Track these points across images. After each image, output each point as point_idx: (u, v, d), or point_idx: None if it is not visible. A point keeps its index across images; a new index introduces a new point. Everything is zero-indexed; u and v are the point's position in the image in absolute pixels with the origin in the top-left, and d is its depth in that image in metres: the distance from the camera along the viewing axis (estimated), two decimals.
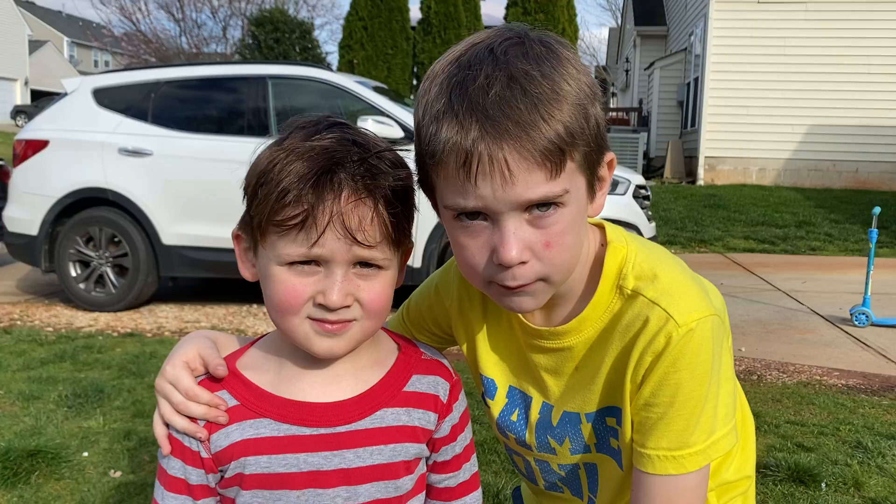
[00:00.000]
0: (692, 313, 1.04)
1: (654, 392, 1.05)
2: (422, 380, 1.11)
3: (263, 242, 1.00)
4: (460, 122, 0.93)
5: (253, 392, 1.04)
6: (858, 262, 8.35)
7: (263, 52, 21.02)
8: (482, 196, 0.94)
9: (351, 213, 0.95)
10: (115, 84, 6.58)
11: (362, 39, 19.39)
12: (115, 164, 6.27)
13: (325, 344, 1.00)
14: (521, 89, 0.92)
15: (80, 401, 3.95)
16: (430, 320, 1.35)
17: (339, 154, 0.97)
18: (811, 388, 4.43)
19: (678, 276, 1.10)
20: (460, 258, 1.04)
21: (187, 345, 1.10)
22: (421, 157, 1.01)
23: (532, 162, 0.93)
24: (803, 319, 6.18)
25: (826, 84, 14.29)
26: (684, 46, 18.37)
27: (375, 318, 1.03)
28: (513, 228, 0.96)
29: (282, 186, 0.95)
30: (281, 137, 1.02)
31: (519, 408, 1.24)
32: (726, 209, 12.14)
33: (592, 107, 0.97)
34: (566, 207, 0.98)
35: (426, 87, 1.00)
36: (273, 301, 1.00)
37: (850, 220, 11.28)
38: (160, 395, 1.06)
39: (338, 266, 0.97)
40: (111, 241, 6.35)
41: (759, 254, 9.62)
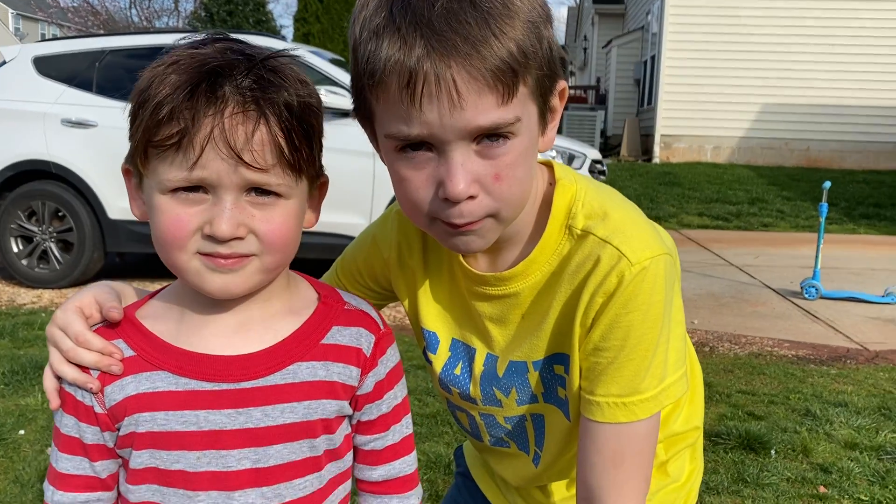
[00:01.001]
0: (645, 251, 0.98)
1: (604, 335, 0.99)
2: (343, 331, 1.00)
3: (145, 170, 0.89)
4: (403, 38, 0.84)
5: (151, 342, 0.94)
6: (809, 238, 8.49)
7: (216, 24, 20.55)
8: (428, 122, 0.86)
9: (235, 128, 0.84)
10: (57, 52, 6.34)
11: (318, 12, 19.06)
12: (57, 135, 6.05)
13: (219, 280, 0.90)
14: (470, 2, 0.84)
15: (17, 378, 3.81)
16: (367, 274, 1.26)
17: (223, 63, 0.86)
18: (762, 359, 4.48)
19: (629, 214, 1.04)
20: (402, 194, 0.96)
21: (83, 291, 1.00)
22: (358, 79, 0.91)
23: (483, 83, 0.85)
24: (755, 293, 6.26)
25: (779, 63, 14.47)
26: (641, 25, 18.44)
27: (278, 253, 0.92)
28: (461, 160, 0.89)
29: (156, 101, 0.84)
30: (161, 56, 0.91)
31: (462, 360, 1.17)
32: (681, 187, 12.26)
33: (545, 27, 0.90)
34: (517, 138, 0.91)
35: (363, 1, 0.91)
36: (157, 234, 0.90)
37: (801, 197, 11.48)
38: (50, 343, 0.96)
39: (226, 192, 0.86)
40: (55, 216, 6.14)
41: (712, 230, 9.73)
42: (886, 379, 4.10)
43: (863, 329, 5.19)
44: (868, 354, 4.62)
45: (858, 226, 9.97)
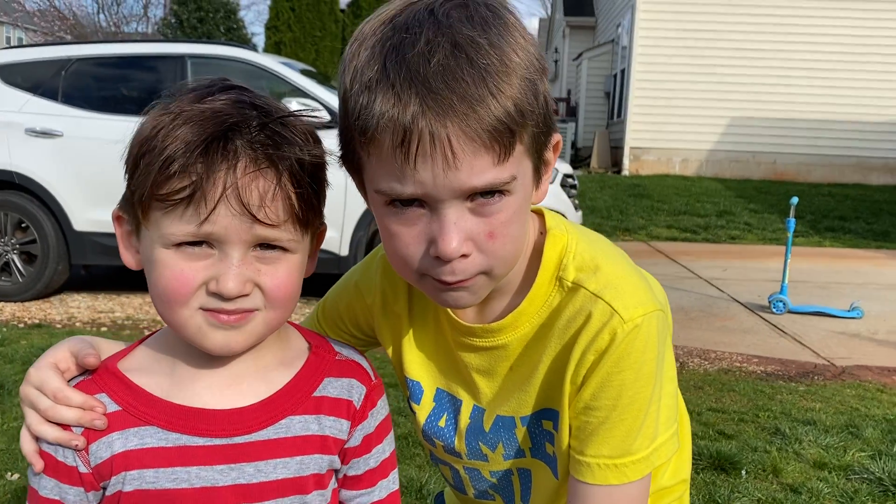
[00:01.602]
0: (637, 308, 0.96)
1: (595, 394, 0.97)
2: (334, 383, 0.98)
3: (146, 221, 0.86)
4: (397, 94, 0.81)
5: (137, 396, 0.90)
6: (776, 251, 8.61)
7: (186, 31, 20.35)
8: (421, 181, 0.83)
9: (249, 185, 0.82)
10: (21, 60, 6.21)
11: (290, 21, 18.96)
12: (21, 145, 5.92)
13: (221, 338, 0.87)
14: (467, 59, 0.81)
15: None
16: (350, 321, 1.22)
17: (236, 117, 0.83)
18: (732, 375, 4.52)
19: (621, 267, 1.02)
20: (391, 249, 0.93)
21: (56, 347, 0.95)
22: (348, 131, 0.88)
23: (479, 143, 0.82)
24: (724, 307, 6.32)
25: (746, 78, 14.70)
26: (612, 38, 18.62)
27: (281, 309, 0.89)
28: (454, 218, 0.86)
29: (166, 154, 0.81)
30: (167, 102, 0.87)
31: (447, 412, 1.14)
32: (650, 199, 12.37)
33: (541, 82, 0.87)
34: (512, 195, 0.88)
35: (354, 50, 0.87)
36: (158, 290, 0.86)
37: (768, 209, 11.64)
38: (25, 404, 0.91)
39: (234, 247, 0.84)
40: (18, 227, 6.01)
41: (681, 242, 9.82)
42: (853, 396, 4.15)
43: (829, 344, 5.26)
44: (835, 370, 4.68)
45: (824, 238, 10.13)
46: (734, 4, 14.70)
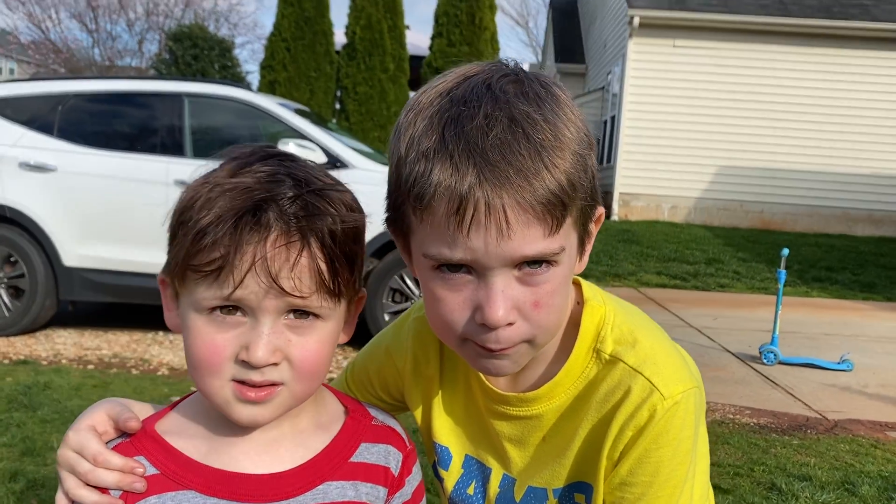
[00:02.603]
0: (678, 384, 0.96)
1: (632, 470, 0.96)
2: (371, 449, 0.97)
3: (182, 289, 0.87)
4: (455, 165, 0.83)
5: (175, 459, 0.89)
6: (765, 300, 8.64)
7: (181, 68, 20.48)
8: (473, 248, 0.85)
9: (277, 258, 0.82)
10: (18, 94, 6.21)
11: (285, 60, 19.13)
12: (14, 178, 5.89)
13: (248, 413, 0.87)
14: (524, 133, 0.83)
15: None
16: (379, 384, 1.22)
17: (268, 191, 0.84)
18: (725, 427, 4.49)
19: (659, 342, 1.02)
20: (435, 312, 0.93)
21: (93, 409, 0.95)
22: (400, 196, 0.90)
23: (532, 215, 0.83)
24: (715, 356, 6.32)
25: (734, 127, 14.93)
26: (602, 85, 18.89)
27: (308, 382, 0.89)
28: (501, 286, 0.87)
29: (198, 227, 0.82)
30: (209, 171, 0.89)
31: (476, 480, 1.12)
32: (640, 244, 12.43)
33: (590, 157, 0.89)
34: (559, 266, 0.89)
35: (410, 118, 0.89)
36: (192, 357, 0.87)
37: (756, 258, 11.72)
38: (63, 468, 0.90)
39: (265, 315, 0.84)
40: (6, 261, 5.95)
41: (671, 289, 9.85)
42: (847, 451, 4.13)
43: (821, 397, 5.25)
44: (827, 424, 4.67)
45: (811, 288, 10.19)
46: (724, 56, 14.98)
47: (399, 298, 5.79)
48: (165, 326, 3.37)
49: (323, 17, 19.53)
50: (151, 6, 27.20)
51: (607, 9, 18.33)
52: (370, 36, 19.06)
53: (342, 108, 19.46)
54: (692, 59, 15.06)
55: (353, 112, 19.13)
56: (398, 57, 19.61)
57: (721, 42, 14.95)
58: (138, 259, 5.80)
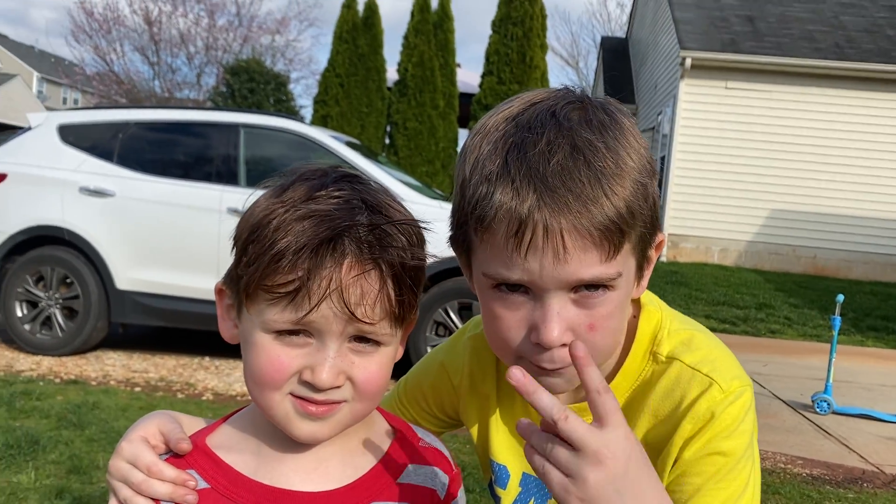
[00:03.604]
0: (734, 380, 0.97)
1: (692, 461, 0.96)
2: (418, 470, 0.98)
3: (249, 305, 0.87)
4: (516, 189, 0.85)
5: (226, 474, 0.90)
6: (817, 348, 8.40)
7: (237, 100, 21.01)
8: (529, 270, 0.87)
9: (352, 286, 0.83)
10: (82, 122, 6.43)
11: (338, 95, 19.50)
12: (74, 203, 6.08)
13: (308, 428, 0.87)
14: (585, 161, 0.85)
15: (11, 452, 3.69)
16: (433, 401, 1.23)
17: (346, 219, 0.84)
18: (776, 477, 4.35)
19: (715, 344, 1.03)
20: (492, 329, 0.96)
21: (145, 421, 0.96)
22: (463, 216, 0.93)
23: (589, 240, 0.85)
24: (766, 403, 6.14)
25: (787, 170, 14.68)
26: (652, 125, 18.82)
27: (368, 402, 0.90)
28: (557, 308, 0.88)
29: (276, 249, 0.82)
30: (281, 186, 0.89)
31: (535, 497, 1.12)
32: (688, 287, 12.24)
33: (651, 184, 0.91)
34: (615, 291, 0.90)
35: (476, 141, 0.92)
36: (253, 372, 0.87)
37: (808, 304, 11.43)
38: (116, 478, 0.91)
39: (331, 339, 0.85)
40: (62, 282, 6.11)
41: (720, 333, 9.62)
42: None
43: (877, 449, 5.06)
44: (885, 478, 4.48)
45: (866, 338, 9.87)
46: (777, 98, 14.82)
47: (443, 332, 5.77)
48: (211, 352, 3.41)
49: (376, 54, 19.91)
50: (211, 41, 28.06)
51: (659, 50, 18.32)
52: (422, 73, 19.34)
53: (391, 143, 19.70)
54: (745, 101, 14.91)
55: (402, 147, 19.35)
56: (448, 94, 19.84)
57: (775, 84, 14.79)
58: (188, 284, 5.91)
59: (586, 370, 0.80)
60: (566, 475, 0.76)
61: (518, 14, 19.44)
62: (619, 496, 0.77)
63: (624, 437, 0.79)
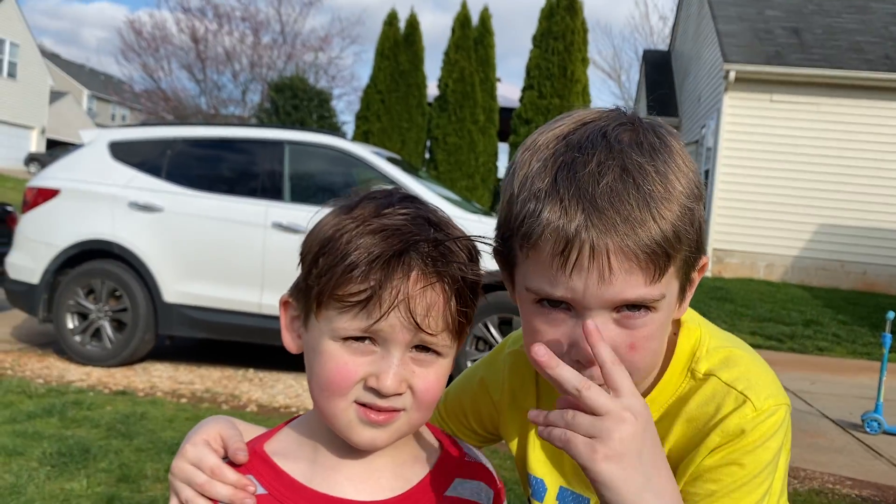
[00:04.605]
0: (769, 399, 0.97)
1: (710, 469, 0.96)
2: (465, 484, 1.00)
3: (319, 314, 0.91)
4: (564, 208, 0.86)
5: (283, 481, 0.94)
6: (867, 367, 8.19)
7: (281, 117, 21.37)
8: (573, 289, 0.87)
9: (419, 297, 0.87)
10: (132, 138, 6.61)
11: (379, 112, 19.71)
12: (124, 217, 6.24)
13: (368, 435, 0.91)
14: (634, 183, 0.86)
15: (64, 460, 3.79)
16: (473, 416, 1.25)
17: (415, 234, 0.89)
18: (824, 497, 4.25)
19: (754, 362, 1.03)
20: (532, 343, 0.95)
21: (207, 425, 1.00)
22: (509, 231, 0.94)
23: (634, 263, 0.86)
24: (813, 423, 6.01)
25: (835, 185, 14.37)
26: (696, 138, 18.62)
27: (424, 411, 0.94)
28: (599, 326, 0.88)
29: (350, 260, 0.87)
30: (348, 205, 0.94)
31: None
32: (733, 303, 12.04)
33: (698, 209, 0.91)
34: (658, 312, 0.91)
35: (525, 158, 0.93)
36: (321, 379, 0.91)
37: (858, 322, 11.16)
38: (179, 479, 0.95)
39: (396, 347, 0.89)
40: (112, 295, 6.26)
41: (766, 350, 9.46)
42: None
43: None
44: None
45: None
46: (824, 111, 14.55)
47: (483, 346, 5.78)
48: (255, 364, 3.48)
49: (417, 70, 20.09)
50: (256, 58, 28.61)
51: (702, 62, 18.15)
52: (462, 88, 19.44)
53: (432, 158, 19.82)
54: (791, 115, 14.67)
55: (442, 161, 19.45)
56: (488, 108, 19.91)
57: (821, 97, 14.52)
58: (234, 297, 6.02)
59: (599, 345, 0.83)
60: (591, 438, 0.80)
61: (559, 28, 19.45)
62: (640, 457, 0.81)
63: (641, 403, 0.83)
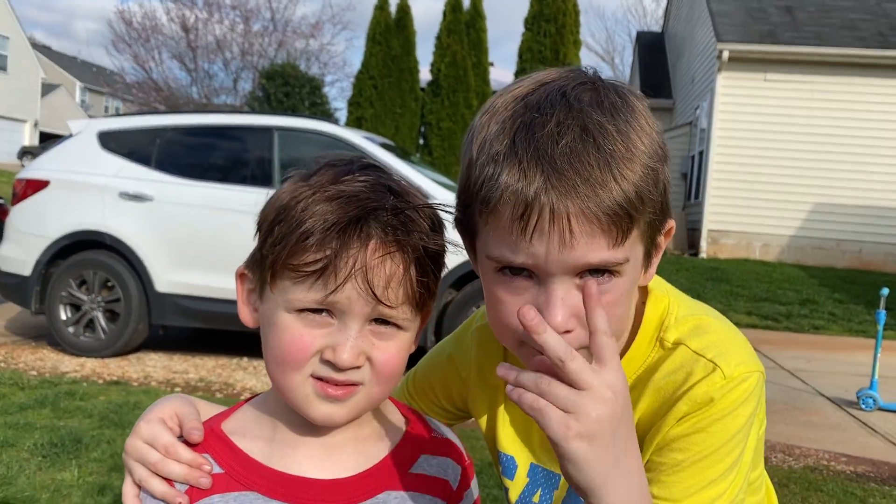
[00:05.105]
0: (740, 366, 0.94)
1: (677, 438, 0.94)
2: (430, 461, 0.97)
3: (273, 285, 0.88)
4: (523, 170, 0.83)
5: (240, 460, 0.91)
6: (863, 344, 8.20)
7: (273, 104, 21.26)
8: (534, 254, 0.84)
9: (378, 267, 0.84)
10: (120, 128, 6.56)
11: (371, 98, 19.62)
12: (114, 207, 6.20)
13: (325, 410, 0.88)
14: (594, 143, 0.83)
15: (55, 450, 3.78)
16: (442, 393, 1.23)
17: (374, 202, 0.85)
18: (818, 474, 4.25)
19: (724, 329, 1.00)
20: (494, 313, 0.94)
21: (162, 403, 0.97)
22: (468, 197, 0.91)
23: (596, 225, 0.82)
24: (808, 400, 6.02)
25: (830, 163, 14.36)
26: (690, 120, 18.58)
27: (385, 385, 0.90)
28: (561, 293, 0.86)
29: (304, 228, 0.84)
30: (307, 173, 0.91)
31: (542, 488, 1.11)
32: (729, 283, 12.05)
33: (662, 170, 0.88)
34: (622, 277, 0.88)
35: (484, 121, 0.90)
36: (275, 351, 0.88)
37: (853, 300, 11.17)
38: (133, 458, 0.92)
39: (354, 320, 0.85)
40: (104, 286, 6.23)
41: (762, 330, 9.47)
42: None
43: None
44: None
45: None
46: (818, 89, 14.52)
47: None
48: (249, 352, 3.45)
49: (409, 55, 19.99)
50: (246, 46, 28.41)
51: (695, 43, 18.08)
52: (455, 73, 19.36)
53: (426, 143, 19.75)
54: (785, 94, 14.63)
55: (437, 147, 19.40)
56: (482, 93, 19.83)
57: (815, 75, 14.48)
58: (226, 286, 5.98)
59: (596, 311, 0.78)
60: (566, 412, 0.74)
61: (551, 11, 19.36)
62: (614, 438, 0.76)
63: (623, 382, 0.79)
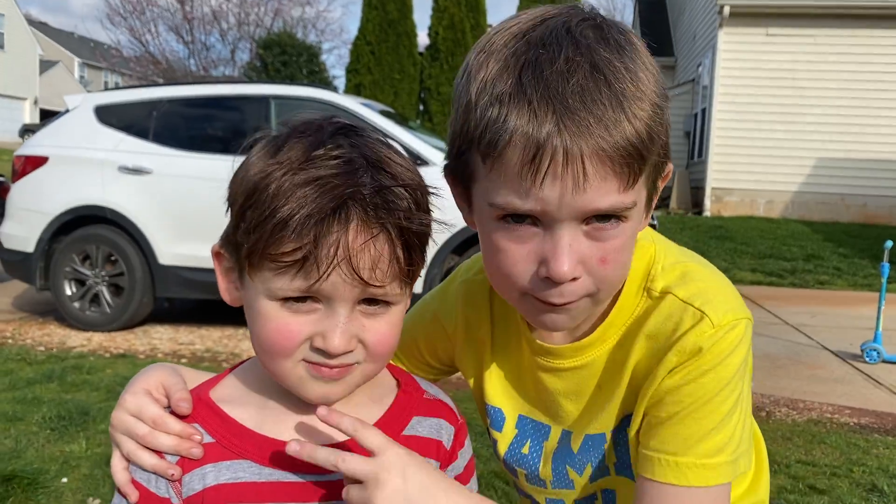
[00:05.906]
0: (728, 314, 0.92)
1: (671, 390, 0.92)
2: (423, 422, 0.97)
3: (252, 273, 0.84)
4: (534, 111, 0.79)
5: (231, 428, 0.89)
6: (868, 298, 8.20)
7: (270, 74, 21.10)
8: (544, 199, 0.81)
9: (361, 252, 0.80)
10: (117, 102, 6.52)
11: (369, 64, 19.44)
12: (114, 181, 6.19)
13: (321, 390, 0.87)
14: (605, 81, 0.80)
15: (63, 423, 3.82)
16: (427, 351, 1.21)
17: (349, 185, 0.80)
18: (822, 427, 4.28)
19: (712, 276, 0.99)
20: (495, 264, 0.90)
21: (147, 373, 0.94)
22: (466, 142, 0.86)
23: (609, 167, 0.80)
24: (813, 354, 6.03)
25: (834, 117, 14.22)
26: (692, 77, 18.38)
27: (380, 361, 0.89)
28: (569, 240, 0.84)
29: (279, 217, 0.79)
30: (275, 144, 0.85)
31: (531, 439, 1.10)
32: (733, 241, 12.02)
33: (666, 108, 0.86)
34: (628, 222, 0.86)
35: (481, 60, 0.85)
36: (261, 340, 0.85)
37: (858, 254, 11.14)
38: (119, 431, 0.89)
39: (342, 305, 0.83)
40: (108, 260, 6.25)
41: (766, 286, 9.47)
42: None
43: None
44: None
45: None
46: (821, 42, 14.32)
47: None
48: None
49: (406, 18, 19.75)
50: (243, 16, 28.12)
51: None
52: (453, 36, 19.14)
53: (425, 109, 19.61)
54: (787, 48, 14.43)
55: (437, 112, 19.27)
56: None
57: (818, 28, 14.28)
58: None
59: (341, 421, 0.83)
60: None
61: None
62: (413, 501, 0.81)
63: (395, 454, 0.83)
